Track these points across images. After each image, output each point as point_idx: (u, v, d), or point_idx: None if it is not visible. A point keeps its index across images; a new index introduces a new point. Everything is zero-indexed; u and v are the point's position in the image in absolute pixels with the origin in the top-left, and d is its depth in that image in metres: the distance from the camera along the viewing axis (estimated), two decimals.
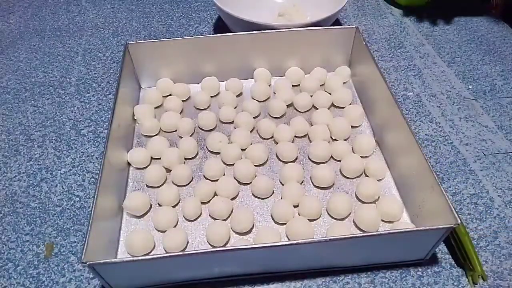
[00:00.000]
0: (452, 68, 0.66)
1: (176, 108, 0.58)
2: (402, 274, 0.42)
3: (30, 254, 0.45)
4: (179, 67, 0.61)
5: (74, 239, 0.46)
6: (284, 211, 0.45)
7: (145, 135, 0.56)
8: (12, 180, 0.52)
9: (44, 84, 0.66)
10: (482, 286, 0.41)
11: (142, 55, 0.59)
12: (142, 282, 0.41)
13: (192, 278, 0.41)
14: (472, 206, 0.48)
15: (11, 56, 0.72)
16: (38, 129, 0.58)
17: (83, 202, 0.49)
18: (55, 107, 0.62)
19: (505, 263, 0.43)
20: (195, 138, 0.55)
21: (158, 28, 0.77)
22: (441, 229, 0.38)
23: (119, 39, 0.75)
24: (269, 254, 0.39)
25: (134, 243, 0.42)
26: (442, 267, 0.43)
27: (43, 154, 0.55)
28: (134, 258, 0.39)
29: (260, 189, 0.47)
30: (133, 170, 0.52)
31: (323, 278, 0.42)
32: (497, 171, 0.51)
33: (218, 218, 0.46)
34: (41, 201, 0.50)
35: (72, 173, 0.52)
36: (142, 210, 0.47)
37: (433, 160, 0.52)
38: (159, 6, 0.83)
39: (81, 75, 0.67)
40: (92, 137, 0.57)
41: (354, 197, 0.48)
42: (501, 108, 0.59)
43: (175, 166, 0.50)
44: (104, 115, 0.60)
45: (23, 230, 0.47)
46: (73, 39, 0.75)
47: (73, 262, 0.44)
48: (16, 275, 0.43)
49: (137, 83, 0.62)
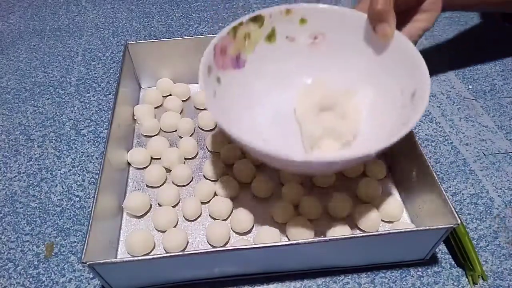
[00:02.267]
0: (452, 68, 0.66)
1: (176, 108, 0.58)
2: (402, 274, 0.42)
3: (30, 254, 0.45)
4: (179, 67, 0.61)
5: (74, 239, 0.46)
6: (284, 211, 0.45)
7: (145, 135, 0.56)
8: (12, 180, 0.52)
9: (44, 84, 0.66)
10: (482, 286, 0.41)
11: (142, 55, 0.59)
12: (142, 282, 0.41)
13: (192, 278, 0.41)
14: (472, 206, 0.48)
15: (11, 56, 0.72)
16: (38, 129, 0.58)
17: (83, 202, 0.49)
18: (55, 107, 0.62)
19: (505, 263, 0.43)
20: (195, 138, 0.55)
21: (158, 28, 0.77)
22: (441, 229, 0.38)
23: (119, 39, 0.75)
24: (269, 254, 0.39)
25: (134, 243, 0.42)
26: (442, 267, 0.43)
27: (43, 154, 0.55)
28: (134, 258, 0.39)
29: (260, 189, 0.47)
30: (133, 170, 0.52)
31: (323, 278, 0.42)
32: (497, 171, 0.51)
33: (218, 218, 0.46)
34: (41, 201, 0.50)
35: (72, 173, 0.52)
36: (142, 210, 0.47)
37: (433, 160, 0.52)
38: (159, 6, 0.83)
39: (81, 75, 0.67)
40: (92, 137, 0.57)
41: (354, 197, 0.48)
42: (501, 108, 0.59)
43: (175, 166, 0.50)
44: (104, 115, 0.60)
45: (23, 230, 0.47)
46: (73, 39, 0.75)
47: (73, 262, 0.44)
48: (16, 275, 0.43)
49: (137, 83, 0.62)
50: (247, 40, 0.44)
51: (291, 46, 0.46)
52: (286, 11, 0.44)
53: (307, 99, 0.45)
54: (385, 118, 0.42)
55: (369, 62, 0.44)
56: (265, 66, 0.46)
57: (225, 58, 0.43)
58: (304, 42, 0.46)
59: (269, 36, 0.45)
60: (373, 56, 0.44)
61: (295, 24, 0.45)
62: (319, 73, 0.47)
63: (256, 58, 0.45)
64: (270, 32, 0.45)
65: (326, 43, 0.46)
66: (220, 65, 0.42)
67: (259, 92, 0.46)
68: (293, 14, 0.44)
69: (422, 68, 0.39)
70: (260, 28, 0.44)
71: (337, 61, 0.46)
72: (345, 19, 0.44)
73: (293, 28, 0.45)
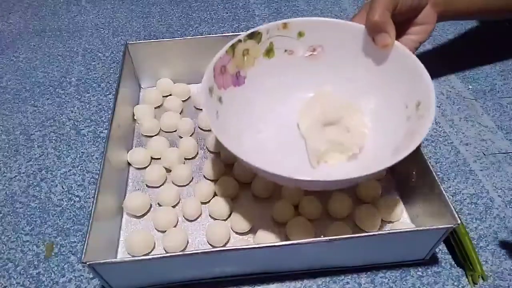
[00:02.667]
0: (452, 68, 0.66)
1: (176, 108, 0.58)
2: (402, 274, 0.42)
3: (30, 254, 0.45)
4: (179, 67, 0.61)
5: (74, 239, 0.46)
6: (284, 211, 0.45)
7: (145, 135, 0.56)
8: (12, 180, 0.52)
9: (44, 84, 0.66)
10: (482, 286, 0.41)
11: (142, 55, 0.59)
12: (142, 282, 0.41)
13: (192, 278, 0.41)
14: (472, 206, 0.48)
15: (11, 56, 0.72)
16: (38, 129, 0.58)
17: (83, 202, 0.49)
18: (55, 107, 0.62)
19: (505, 263, 0.43)
20: (195, 138, 0.55)
21: (158, 28, 0.77)
22: (441, 229, 0.38)
23: (119, 39, 0.75)
24: (269, 254, 0.39)
25: (134, 243, 0.42)
26: (442, 267, 0.43)
27: (43, 154, 0.55)
28: (134, 258, 0.39)
29: (260, 189, 0.47)
30: (133, 170, 0.52)
31: (323, 278, 0.42)
32: (497, 171, 0.51)
33: (218, 218, 0.46)
34: (41, 201, 0.50)
35: (72, 173, 0.52)
36: (142, 210, 0.47)
37: (433, 160, 0.52)
38: (159, 6, 0.83)
39: (81, 75, 0.67)
40: (92, 137, 0.57)
41: (354, 197, 0.48)
42: (501, 108, 0.59)
43: (175, 166, 0.50)
44: (104, 115, 0.60)
45: (23, 230, 0.47)
46: (73, 39, 0.75)
47: (73, 262, 0.44)
48: (16, 275, 0.43)
49: (137, 83, 0.62)
50: (246, 56, 0.44)
51: (290, 59, 0.46)
52: (283, 25, 0.44)
53: (310, 113, 0.45)
54: (390, 129, 0.42)
55: (370, 73, 0.44)
56: (265, 80, 0.46)
57: (225, 77, 0.43)
58: (303, 55, 0.46)
59: (267, 51, 0.45)
60: (374, 67, 0.44)
61: (293, 37, 0.45)
62: (320, 86, 0.47)
63: (256, 74, 0.45)
64: (268, 47, 0.45)
65: (325, 55, 0.46)
66: (221, 84, 0.42)
67: (261, 107, 0.46)
68: (290, 28, 0.44)
69: (425, 78, 0.38)
70: (258, 44, 0.44)
71: (337, 73, 0.46)
72: (343, 31, 0.44)
73: (291, 42, 0.45)
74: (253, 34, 0.44)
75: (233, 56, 0.43)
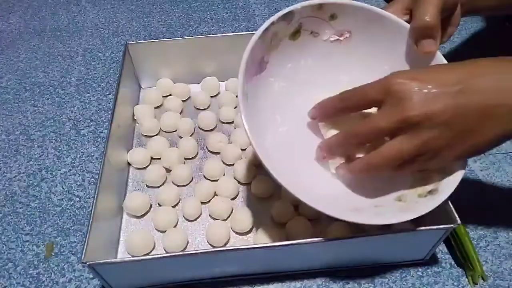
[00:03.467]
0: None
1: (176, 108, 0.58)
2: (402, 274, 0.42)
3: (30, 254, 0.45)
4: (179, 67, 0.61)
5: (74, 239, 0.46)
6: (284, 211, 0.45)
7: (145, 135, 0.56)
8: (12, 180, 0.52)
9: (44, 84, 0.66)
10: (482, 286, 0.41)
11: (142, 55, 0.59)
12: (142, 282, 0.41)
13: (192, 278, 0.41)
14: (472, 206, 0.48)
15: (11, 56, 0.72)
16: (38, 129, 0.58)
17: (83, 202, 0.49)
18: (55, 107, 0.62)
19: (505, 263, 0.43)
20: (195, 138, 0.55)
21: (158, 28, 0.77)
22: (441, 229, 0.38)
23: (119, 39, 0.75)
24: (269, 254, 0.39)
25: (134, 243, 0.42)
26: (442, 267, 0.43)
27: (43, 154, 0.55)
28: (134, 258, 0.39)
29: (260, 189, 0.47)
30: (133, 170, 0.52)
31: (323, 278, 0.42)
32: (497, 171, 0.51)
33: (218, 218, 0.46)
34: (41, 201, 0.50)
35: (72, 173, 0.52)
36: (142, 210, 0.47)
37: None
38: (159, 6, 0.83)
39: (81, 75, 0.67)
40: (92, 137, 0.57)
41: None
42: None
43: (175, 166, 0.50)
44: (104, 115, 0.60)
45: (23, 230, 0.47)
46: (73, 39, 0.75)
47: (73, 262, 0.44)
48: (16, 275, 0.43)
49: (137, 83, 0.62)
50: (273, 40, 0.42)
51: (314, 41, 0.44)
52: (318, 6, 0.42)
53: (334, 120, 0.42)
54: None
55: (393, 67, 0.41)
56: (286, 64, 0.44)
57: (251, 69, 0.40)
58: (328, 39, 0.44)
59: (294, 33, 0.43)
60: (398, 62, 0.42)
61: (324, 19, 0.43)
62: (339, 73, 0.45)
63: (278, 57, 0.43)
64: (296, 28, 0.43)
65: (350, 42, 0.44)
66: (248, 79, 0.39)
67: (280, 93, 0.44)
68: (324, 10, 0.42)
69: None
70: (288, 25, 0.42)
71: (359, 62, 0.44)
72: (376, 20, 0.42)
73: (321, 24, 0.43)
74: (286, 15, 0.41)
75: (263, 42, 0.40)
